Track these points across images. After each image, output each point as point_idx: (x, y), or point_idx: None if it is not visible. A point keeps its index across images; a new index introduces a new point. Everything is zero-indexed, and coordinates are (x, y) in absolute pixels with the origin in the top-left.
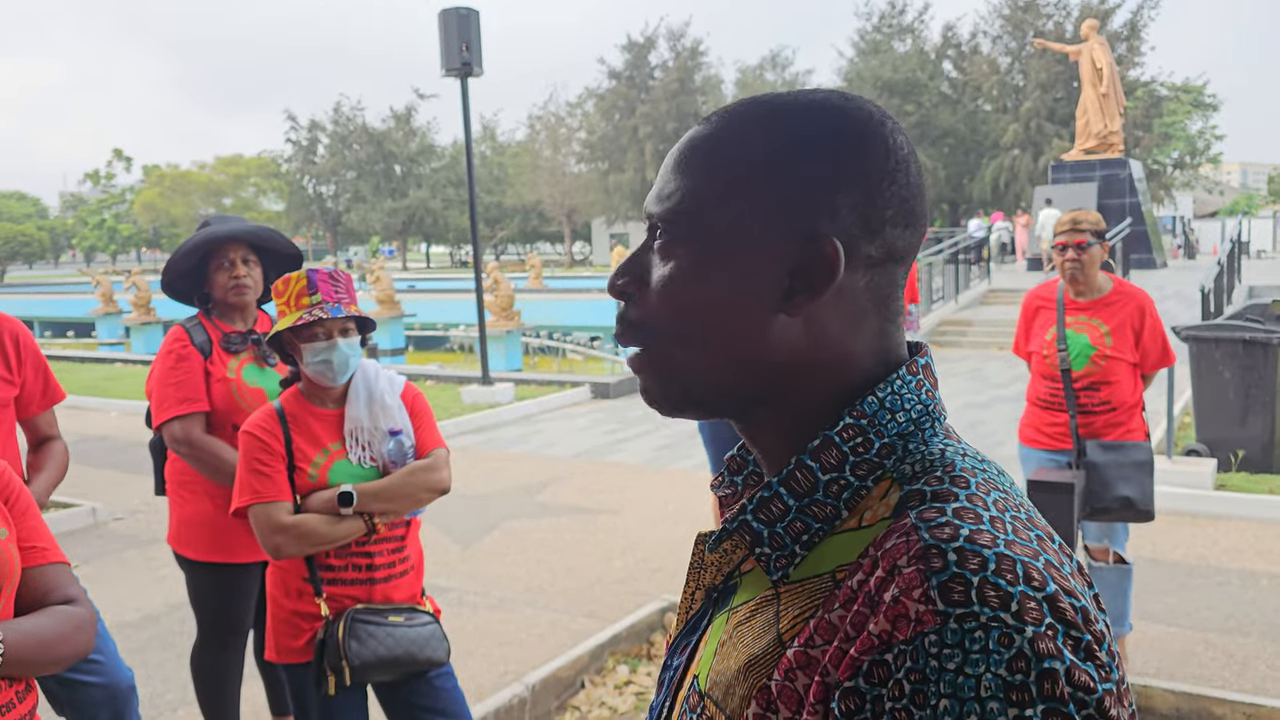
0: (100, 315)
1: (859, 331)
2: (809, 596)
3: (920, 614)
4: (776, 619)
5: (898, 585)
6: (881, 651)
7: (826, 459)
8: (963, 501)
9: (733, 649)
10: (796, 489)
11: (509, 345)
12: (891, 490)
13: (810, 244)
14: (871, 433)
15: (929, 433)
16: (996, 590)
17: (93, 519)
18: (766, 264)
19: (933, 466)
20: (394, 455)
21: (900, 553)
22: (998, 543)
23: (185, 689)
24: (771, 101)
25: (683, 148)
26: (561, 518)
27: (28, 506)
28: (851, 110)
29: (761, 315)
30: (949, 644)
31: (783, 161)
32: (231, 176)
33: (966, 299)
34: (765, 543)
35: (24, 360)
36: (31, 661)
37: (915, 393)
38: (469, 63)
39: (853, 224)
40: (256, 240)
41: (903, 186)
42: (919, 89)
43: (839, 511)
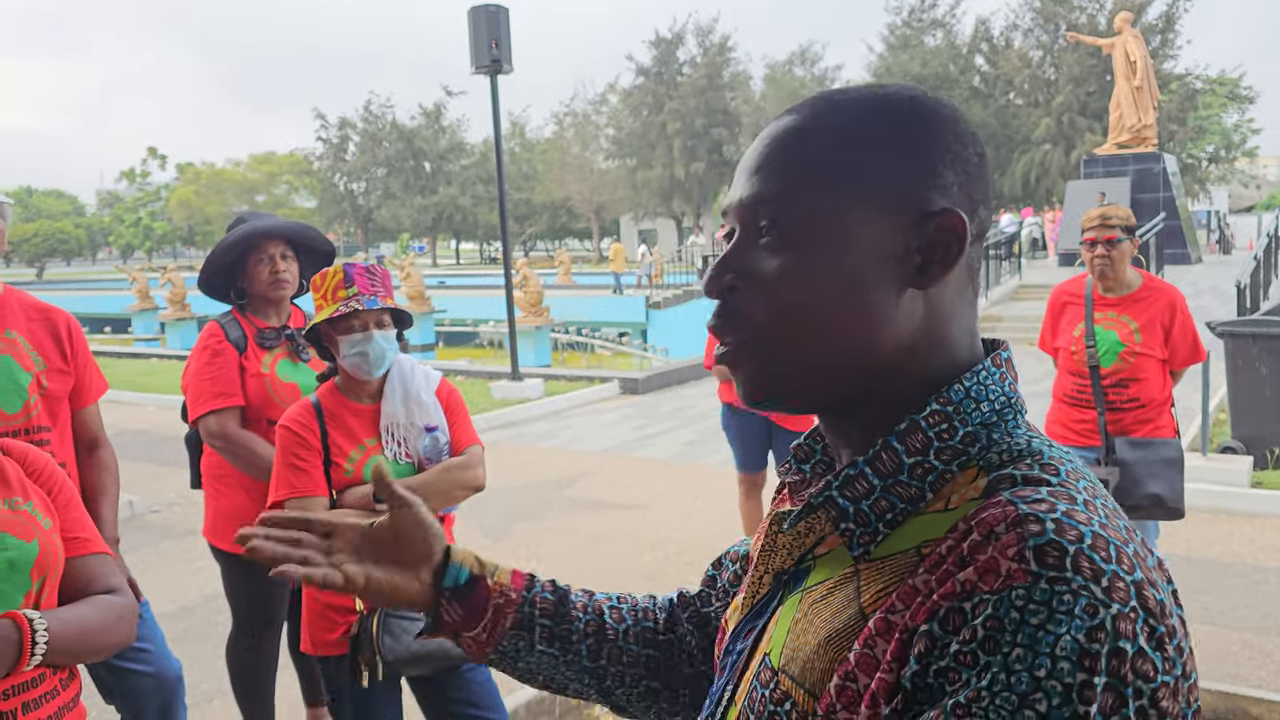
0: (136, 311)
1: (962, 304)
2: (892, 572)
3: (1011, 570)
4: (858, 594)
5: (994, 547)
6: (961, 600)
7: (912, 442)
8: (1055, 486)
9: (809, 625)
10: (881, 469)
11: (538, 341)
12: (979, 476)
13: (930, 218)
14: (956, 420)
15: (1012, 424)
16: (1090, 563)
17: (130, 511)
18: (891, 243)
19: (1021, 455)
20: (429, 451)
21: (997, 520)
22: (1093, 522)
23: (221, 679)
24: (855, 91)
25: (775, 140)
26: (591, 512)
27: (70, 498)
28: (934, 100)
29: (890, 295)
30: (1036, 600)
31: (886, 144)
32: (264, 174)
33: (997, 294)
34: (850, 518)
35: (77, 351)
36: (74, 650)
37: (1000, 385)
38: (498, 60)
39: (961, 200)
40: (294, 236)
41: (987, 171)
42: (949, 83)
43: (924, 493)
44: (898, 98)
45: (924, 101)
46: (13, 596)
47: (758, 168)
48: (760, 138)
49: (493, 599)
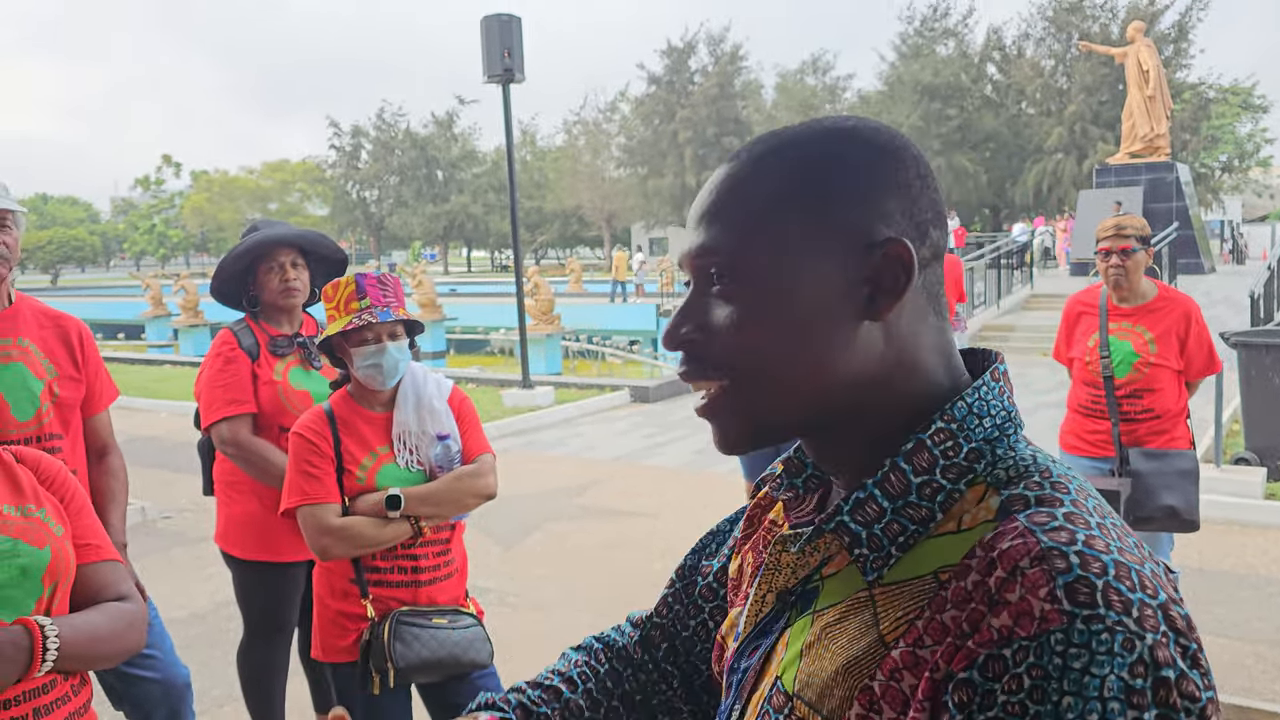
0: (150, 318)
1: (924, 328)
2: (911, 598)
3: (1046, 612)
4: (875, 621)
5: (1022, 585)
6: (1000, 646)
7: (918, 461)
8: (1069, 507)
9: (825, 651)
10: (891, 490)
11: (549, 349)
12: (989, 494)
13: (876, 249)
14: (960, 437)
15: (1014, 438)
16: (1119, 595)
17: (142, 517)
18: (838, 278)
19: (1028, 471)
20: (441, 460)
21: (1020, 554)
22: (1111, 549)
23: (232, 685)
24: (790, 132)
25: (717, 190)
26: (601, 520)
27: (82, 505)
28: (870, 128)
29: (846, 328)
30: (1075, 643)
31: (826, 179)
32: (277, 182)
33: (1009, 304)
34: (864, 544)
35: (88, 358)
36: (85, 656)
37: (999, 399)
38: (510, 69)
39: (906, 227)
40: (305, 244)
41: (933, 190)
42: (961, 92)
43: (934, 514)
44: (833, 131)
45: (858, 131)
46: (25, 603)
47: (702, 217)
48: (705, 187)
49: None
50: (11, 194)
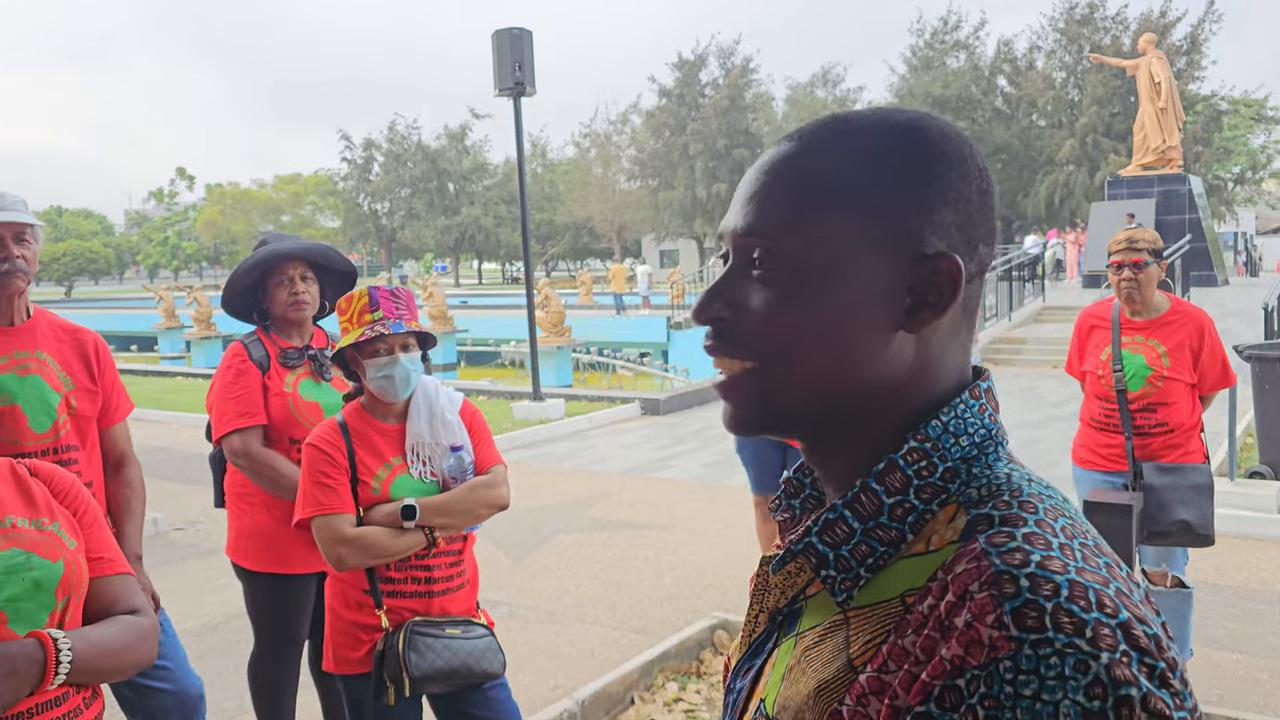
0: (162, 330)
1: (954, 344)
2: (879, 621)
3: (994, 639)
4: (846, 644)
5: (970, 610)
6: (953, 677)
7: (891, 482)
8: (1031, 527)
9: (801, 674)
10: (861, 511)
11: (560, 361)
12: (959, 514)
13: (925, 260)
14: (935, 456)
15: (992, 457)
16: (1070, 616)
17: (154, 529)
18: (882, 283)
19: (999, 491)
20: (454, 471)
21: (971, 578)
22: (1069, 569)
23: (243, 696)
24: (859, 118)
25: (773, 170)
26: (612, 533)
27: (95, 519)
28: (940, 129)
29: (879, 334)
30: (1024, 670)
31: (888, 179)
32: (290, 194)
33: (1020, 316)
34: (831, 565)
35: (104, 371)
36: (98, 669)
37: (978, 417)
38: (521, 82)
39: (959, 241)
40: (314, 257)
41: (991, 205)
42: (972, 104)
43: (904, 535)
44: (903, 127)
45: (928, 132)
46: (38, 615)
47: (753, 196)
48: (759, 163)
49: None
50: (29, 209)
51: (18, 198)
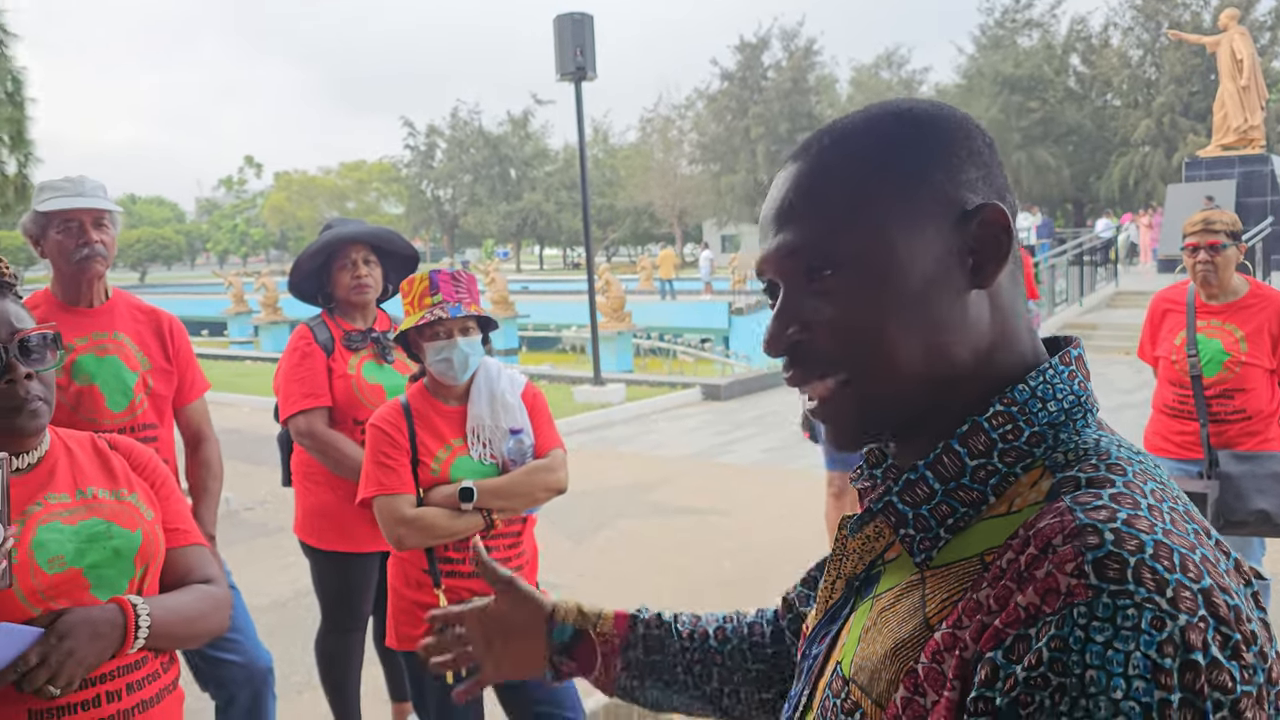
0: (232, 315)
1: (1019, 296)
2: (956, 580)
3: (1071, 587)
4: (923, 603)
5: (1051, 561)
6: (1027, 626)
7: (974, 444)
8: (1119, 488)
9: (878, 634)
10: (943, 473)
11: (620, 346)
12: (1043, 478)
13: (970, 216)
14: (1021, 420)
15: (1081, 423)
16: (1154, 574)
17: (226, 508)
18: (941, 251)
19: (1087, 455)
20: (513, 453)
21: (1055, 531)
22: (1155, 529)
23: (311, 671)
24: (850, 120)
25: (792, 189)
26: (672, 518)
27: (171, 491)
28: (928, 106)
29: (958, 300)
30: (1099, 617)
31: (905, 156)
32: (354, 181)
33: (1092, 301)
34: (910, 524)
35: (179, 351)
36: (174, 635)
37: (1068, 383)
38: (583, 67)
39: (990, 192)
40: (377, 241)
41: (998, 158)
42: (1043, 84)
43: (986, 497)
44: (895, 112)
45: (921, 106)
46: (118, 582)
47: (780, 217)
48: (776, 188)
49: (599, 648)
50: (108, 194)
51: (97, 184)
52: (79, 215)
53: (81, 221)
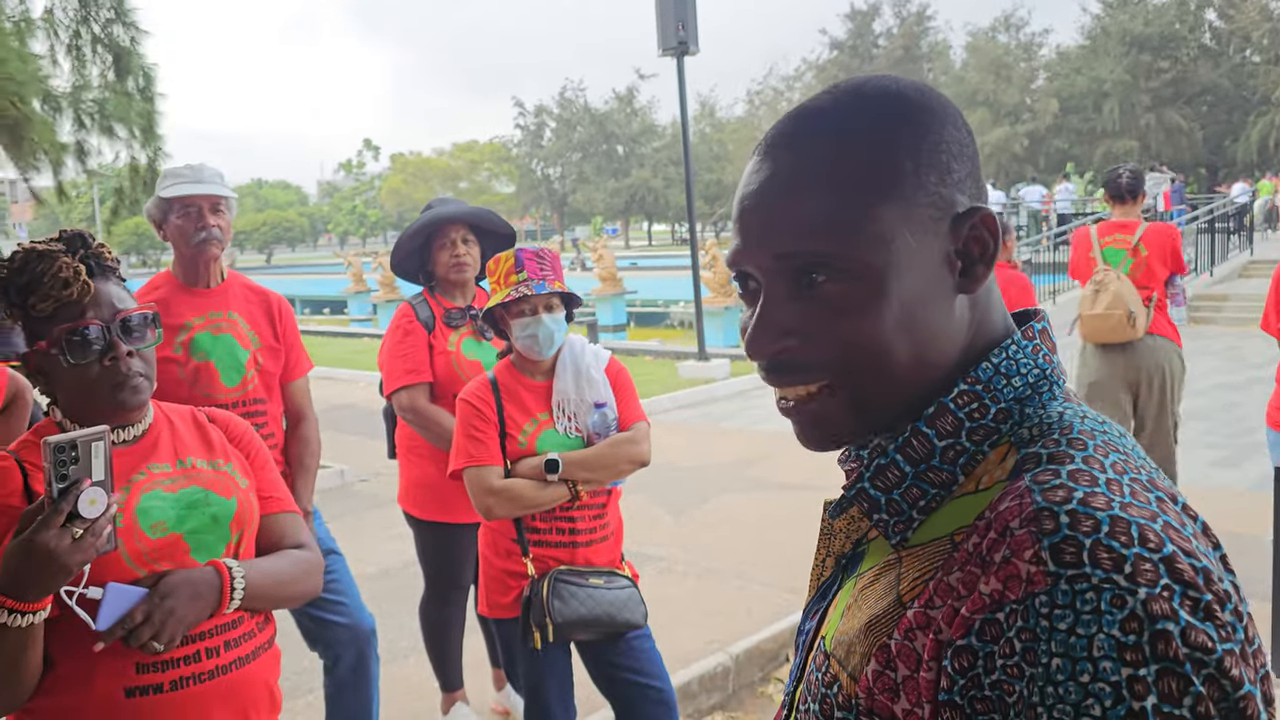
0: (351, 294)
1: (994, 289)
2: (928, 559)
3: (1031, 574)
4: (897, 581)
5: (1009, 546)
6: (993, 610)
7: (942, 425)
8: (1078, 464)
9: (856, 611)
10: (913, 455)
11: (726, 321)
12: (1010, 454)
13: (962, 220)
14: (987, 398)
15: (1046, 396)
16: (1110, 552)
17: (340, 480)
18: (934, 256)
19: (1050, 429)
20: (598, 427)
21: (1013, 515)
22: (1112, 505)
23: (416, 637)
24: (830, 105)
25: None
26: (773, 493)
27: (266, 461)
28: (912, 85)
29: (945, 306)
30: (1060, 604)
31: (899, 153)
32: (467, 162)
33: (1223, 271)
34: (882, 509)
35: (286, 330)
36: (268, 597)
37: (1031, 357)
38: (685, 41)
39: (975, 190)
40: (475, 221)
41: (975, 143)
42: (1175, 42)
43: (955, 477)
44: (884, 98)
45: (907, 94)
46: (215, 547)
47: (772, 214)
48: (757, 178)
49: None
50: (226, 181)
51: (215, 171)
52: (197, 201)
53: (200, 207)
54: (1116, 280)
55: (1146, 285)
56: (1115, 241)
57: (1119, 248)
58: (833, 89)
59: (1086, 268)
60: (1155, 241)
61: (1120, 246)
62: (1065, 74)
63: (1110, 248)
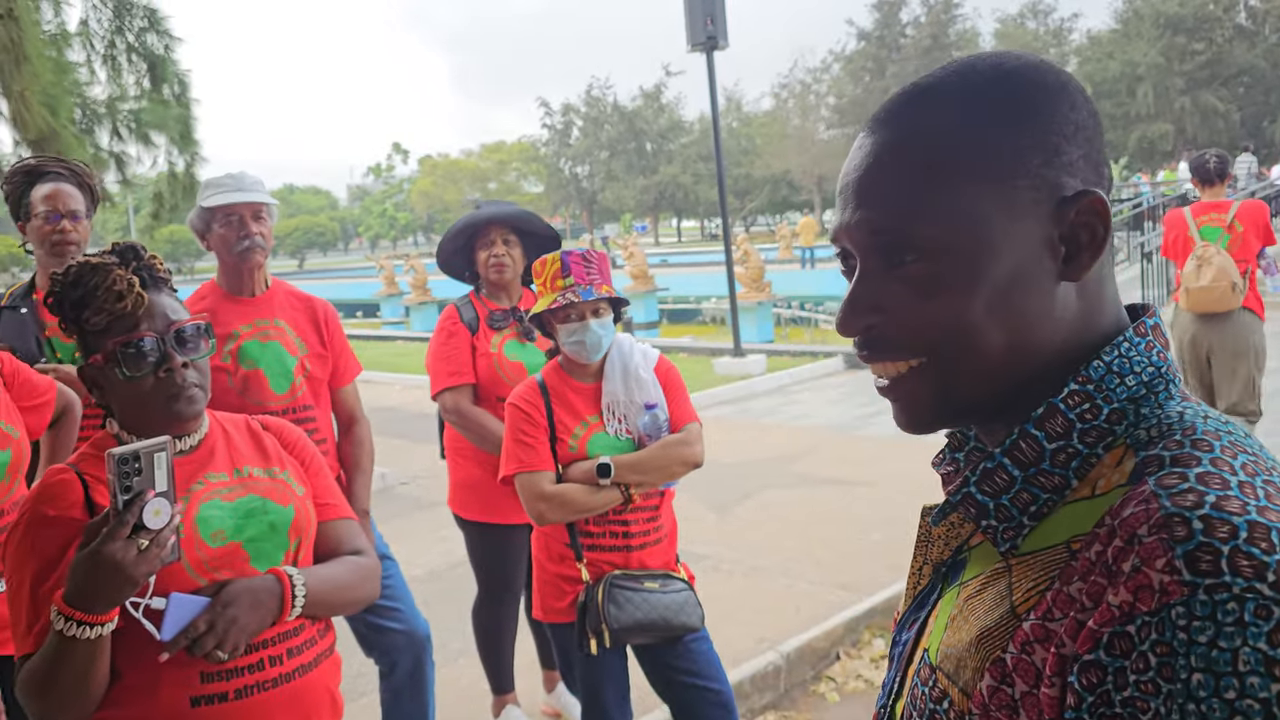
0: (384, 297)
1: (1109, 281)
2: (1043, 568)
3: (1165, 584)
4: (1009, 591)
5: (1138, 555)
6: (1123, 623)
7: (1052, 427)
8: (1206, 466)
9: (964, 622)
10: (1021, 459)
11: (760, 316)
12: (1126, 457)
13: (1067, 204)
14: (1099, 398)
15: (1163, 395)
16: (1250, 559)
17: (382, 483)
18: (1033, 240)
19: (1170, 430)
20: (648, 428)
21: (1140, 521)
22: (1248, 509)
23: (466, 639)
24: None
25: (878, 157)
26: (816, 489)
27: (321, 468)
28: (1029, 62)
29: (1044, 293)
30: (1199, 615)
31: (999, 133)
32: (495, 162)
33: None
34: (991, 515)
35: (333, 336)
36: (327, 603)
37: (1145, 354)
38: (714, 36)
39: (1090, 173)
40: (516, 223)
41: (1099, 123)
42: (1210, 23)
43: (1068, 481)
44: (995, 74)
45: (1022, 70)
46: (274, 555)
47: (869, 191)
48: (859, 154)
49: None
50: (266, 188)
51: (256, 178)
52: (239, 209)
53: (242, 215)
54: (1218, 254)
55: (1242, 259)
56: (1211, 220)
57: (1215, 225)
58: (947, 65)
59: (1184, 247)
60: (1249, 217)
61: (1216, 224)
62: (1097, 59)
63: (1207, 226)
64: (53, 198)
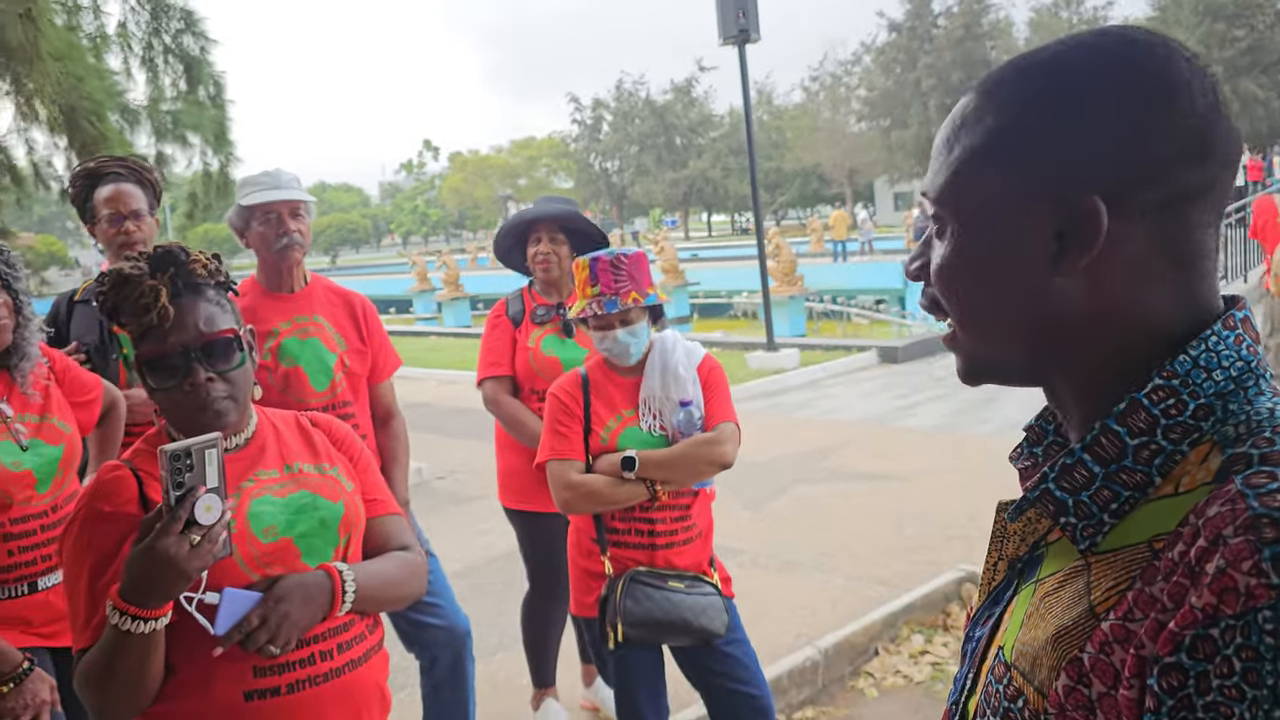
0: (416, 292)
1: (1148, 284)
2: (1124, 567)
3: (1251, 587)
4: (1088, 590)
5: (1223, 556)
6: (1206, 626)
7: (1134, 423)
8: None
9: (1040, 620)
10: (1102, 455)
11: (792, 310)
12: (1212, 454)
13: (1069, 204)
14: (1185, 393)
15: (1252, 391)
16: None
17: (418, 478)
18: (1027, 231)
19: (1260, 427)
20: (682, 425)
21: (1225, 521)
22: None
23: (504, 634)
24: (1032, 62)
25: (947, 124)
26: (851, 483)
27: (368, 464)
28: (1107, 48)
29: (1037, 282)
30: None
31: (1025, 125)
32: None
33: None
34: (1070, 512)
35: (372, 332)
36: (377, 599)
37: (1234, 349)
38: (746, 29)
39: (1120, 172)
40: (563, 221)
41: (1186, 115)
42: (1251, 9)
43: (1151, 478)
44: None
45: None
46: (325, 550)
47: (934, 157)
48: (950, 116)
49: None
50: (302, 185)
51: (292, 176)
52: (277, 207)
53: (279, 213)
54: None
55: None
56: None
57: None
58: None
59: (1275, 232)
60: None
61: None
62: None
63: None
64: (114, 199)
